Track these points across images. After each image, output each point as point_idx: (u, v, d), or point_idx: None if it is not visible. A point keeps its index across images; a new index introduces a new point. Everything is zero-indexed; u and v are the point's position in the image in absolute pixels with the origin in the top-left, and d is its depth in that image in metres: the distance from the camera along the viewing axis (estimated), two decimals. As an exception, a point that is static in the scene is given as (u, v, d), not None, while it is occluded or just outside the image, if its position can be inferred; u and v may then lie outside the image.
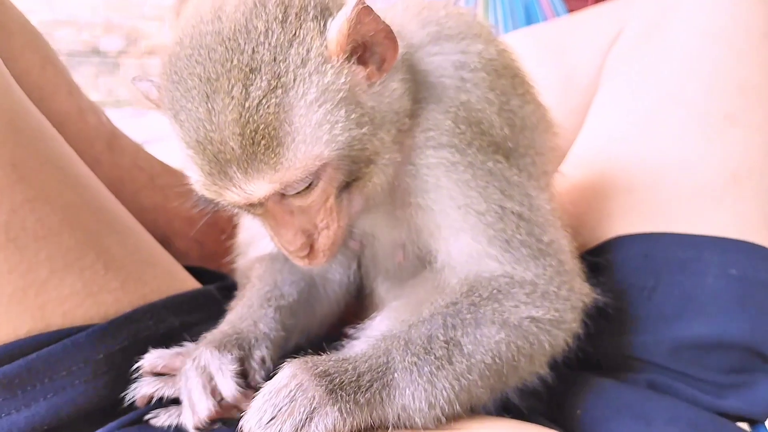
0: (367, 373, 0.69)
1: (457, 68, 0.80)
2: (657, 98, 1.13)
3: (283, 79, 0.67)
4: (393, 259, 0.89)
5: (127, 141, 1.22)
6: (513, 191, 0.79)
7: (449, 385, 0.71)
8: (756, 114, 1.04)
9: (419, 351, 0.71)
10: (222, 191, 0.71)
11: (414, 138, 0.79)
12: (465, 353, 0.72)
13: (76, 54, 3.67)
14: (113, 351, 0.82)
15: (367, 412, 0.68)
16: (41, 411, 0.77)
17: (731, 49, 1.08)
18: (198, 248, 1.24)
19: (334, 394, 0.66)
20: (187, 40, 0.70)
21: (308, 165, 0.69)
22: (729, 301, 0.96)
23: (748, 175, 1.01)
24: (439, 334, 0.73)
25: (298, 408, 0.65)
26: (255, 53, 0.67)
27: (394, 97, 0.75)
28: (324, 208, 0.75)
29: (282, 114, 0.66)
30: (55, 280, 0.81)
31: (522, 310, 0.76)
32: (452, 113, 0.78)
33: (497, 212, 0.78)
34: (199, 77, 0.68)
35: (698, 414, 0.88)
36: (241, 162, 0.67)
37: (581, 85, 1.30)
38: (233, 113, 0.66)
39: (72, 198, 0.87)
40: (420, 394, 0.70)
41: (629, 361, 0.99)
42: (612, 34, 1.28)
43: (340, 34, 0.69)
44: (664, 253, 1.01)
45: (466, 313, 0.75)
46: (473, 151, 0.78)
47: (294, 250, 0.76)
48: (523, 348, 0.76)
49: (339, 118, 0.69)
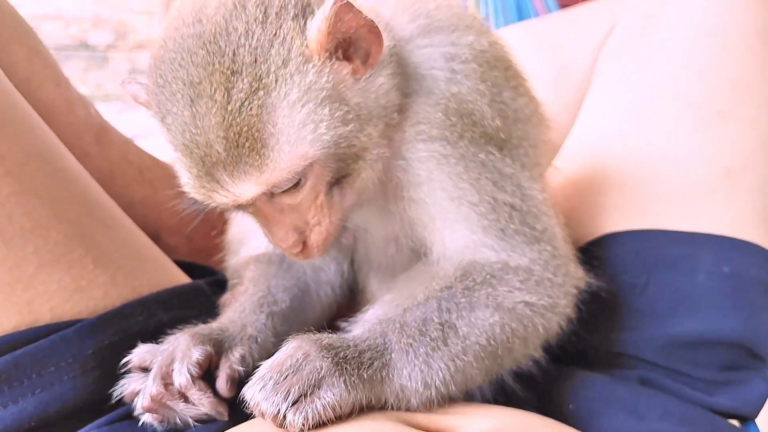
0: (368, 351, 0.70)
1: (447, 60, 0.80)
2: (649, 94, 1.13)
3: (265, 81, 0.67)
4: (385, 253, 0.89)
5: (116, 134, 1.21)
6: (505, 182, 0.79)
7: (445, 365, 0.71)
8: (748, 109, 1.04)
9: (414, 333, 0.72)
10: (211, 193, 0.71)
11: (404, 132, 0.79)
12: (460, 335, 0.73)
13: (65, 48, 3.65)
14: (102, 346, 0.82)
15: (369, 388, 0.68)
16: (29, 407, 0.76)
17: (724, 44, 1.08)
18: (187, 243, 1.23)
19: (339, 366, 0.67)
20: (170, 43, 0.70)
21: (294, 165, 0.69)
22: (721, 298, 0.96)
23: (740, 170, 1.01)
24: (434, 316, 0.73)
25: (306, 376, 0.65)
26: (236, 55, 0.67)
27: (381, 92, 0.75)
28: (314, 205, 0.74)
29: (265, 115, 0.67)
30: (42, 274, 0.80)
31: (516, 295, 0.76)
32: (442, 105, 0.78)
33: (490, 203, 0.78)
34: (183, 81, 0.68)
35: (690, 410, 0.88)
36: (227, 165, 0.68)
37: (574, 81, 1.30)
38: (216, 117, 0.66)
39: (60, 191, 0.86)
40: (417, 375, 0.70)
41: (621, 357, 0.99)
42: (605, 29, 1.28)
43: (320, 32, 0.68)
44: (657, 250, 1.01)
45: (461, 297, 0.75)
46: (465, 143, 0.78)
47: (287, 247, 0.76)
48: (518, 330, 0.76)
49: (323, 117, 0.69)
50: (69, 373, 0.79)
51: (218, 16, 0.69)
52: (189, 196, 0.74)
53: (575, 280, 0.84)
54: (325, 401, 0.65)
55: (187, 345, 0.76)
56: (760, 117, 1.04)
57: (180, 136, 0.69)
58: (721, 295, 0.97)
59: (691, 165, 1.04)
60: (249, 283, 0.90)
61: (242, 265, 0.95)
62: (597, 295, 0.89)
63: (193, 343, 0.76)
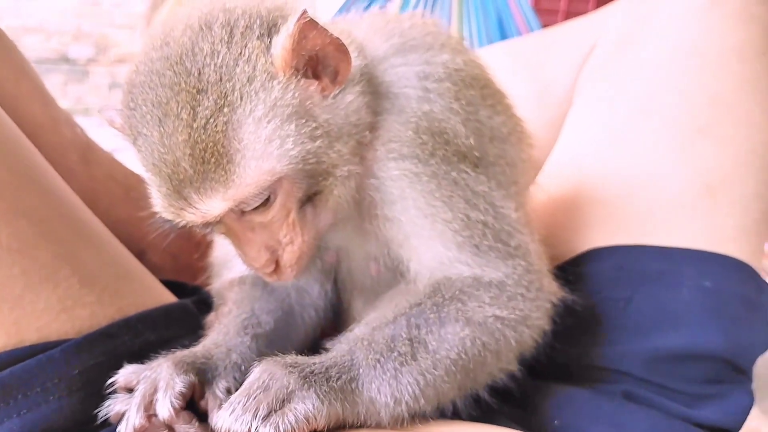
0: (334, 367, 0.71)
1: (420, 78, 0.80)
2: (630, 111, 1.14)
3: (230, 98, 0.68)
4: (368, 272, 0.89)
5: (101, 153, 1.21)
6: (478, 200, 0.80)
7: (414, 380, 0.72)
8: (727, 127, 1.06)
9: (382, 349, 0.73)
10: (179, 212, 0.72)
11: (376, 150, 0.79)
12: (429, 350, 0.74)
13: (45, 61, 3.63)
14: (88, 367, 0.81)
15: (342, 398, 0.69)
16: (15, 428, 0.75)
17: (703, 62, 1.10)
18: (173, 261, 1.23)
19: (308, 380, 0.68)
20: (141, 66, 0.72)
21: (260, 180, 0.69)
22: (703, 312, 0.97)
23: (721, 186, 1.03)
24: (403, 333, 0.74)
25: (275, 393, 0.66)
26: (201, 75, 0.68)
27: (350, 109, 0.75)
28: (286, 223, 0.75)
29: (230, 132, 0.67)
30: (30, 294, 0.80)
31: (486, 310, 0.77)
32: (413, 123, 0.78)
33: (463, 220, 0.79)
34: (152, 102, 0.69)
35: (674, 425, 0.89)
36: (194, 182, 0.68)
37: (556, 100, 1.31)
38: (183, 134, 0.67)
39: (46, 211, 0.86)
40: (385, 389, 0.71)
41: (605, 371, 1.00)
42: (585, 49, 1.29)
43: (284, 49, 0.70)
44: (639, 265, 1.03)
45: (430, 312, 0.76)
46: (436, 161, 0.79)
47: (259, 267, 0.76)
48: (489, 344, 0.77)
49: (289, 133, 0.70)
50: (55, 394, 0.78)
51: (185, 38, 0.70)
52: (160, 216, 0.75)
53: (549, 294, 0.85)
54: (298, 412, 0.65)
55: (170, 374, 0.74)
56: (739, 134, 1.06)
57: (150, 156, 0.70)
58: (703, 310, 0.98)
59: (672, 181, 1.06)
60: (233, 305, 0.90)
61: (226, 287, 0.95)
62: (579, 310, 0.90)
63: (177, 372, 0.74)
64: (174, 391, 0.72)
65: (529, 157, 0.96)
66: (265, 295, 0.92)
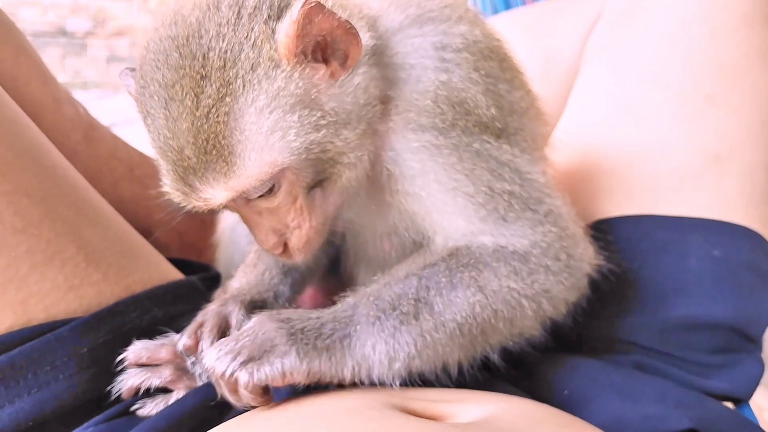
0: (330, 323, 0.71)
1: (437, 49, 0.78)
2: (636, 81, 1.13)
3: (233, 86, 0.66)
4: (380, 248, 0.88)
5: (104, 132, 1.20)
6: (502, 170, 0.78)
7: (412, 340, 0.71)
8: (735, 95, 1.05)
9: (386, 306, 0.72)
10: (185, 197, 0.71)
11: (391, 121, 0.77)
12: (435, 311, 0.73)
13: (42, 35, 3.61)
14: (97, 344, 0.82)
15: (326, 358, 0.69)
16: (25, 407, 0.76)
17: (710, 30, 1.08)
18: (179, 239, 1.23)
19: (294, 336, 0.68)
20: (151, 44, 0.70)
21: (262, 173, 0.68)
22: (713, 282, 0.97)
23: (729, 155, 1.02)
24: (410, 292, 0.73)
25: (259, 344, 0.68)
26: (206, 59, 0.66)
27: (359, 90, 0.73)
28: (293, 209, 0.74)
29: (232, 122, 0.66)
30: (36, 274, 0.80)
31: (502, 281, 0.75)
32: (431, 93, 0.76)
33: (487, 193, 0.77)
34: (159, 83, 0.68)
35: (685, 393, 0.89)
36: (197, 170, 0.68)
37: (561, 71, 1.30)
38: (186, 122, 0.66)
39: (50, 190, 0.86)
40: (381, 347, 0.70)
41: (615, 342, 1.00)
42: (591, 19, 1.28)
43: (288, 36, 0.67)
44: (648, 236, 1.02)
45: (442, 276, 0.75)
46: (457, 133, 0.76)
47: (268, 249, 0.76)
48: (502, 311, 0.75)
49: (292, 124, 0.68)
50: (65, 372, 0.79)
51: (192, 18, 0.68)
52: (168, 198, 0.74)
53: (582, 262, 0.82)
54: (275, 366, 0.66)
55: (243, 313, 0.82)
56: (747, 102, 1.05)
57: (157, 139, 0.69)
58: (712, 279, 0.97)
59: (679, 150, 1.05)
60: (256, 256, 0.94)
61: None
62: (593, 281, 0.89)
63: (245, 312, 0.82)
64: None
65: (545, 134, 0.94)
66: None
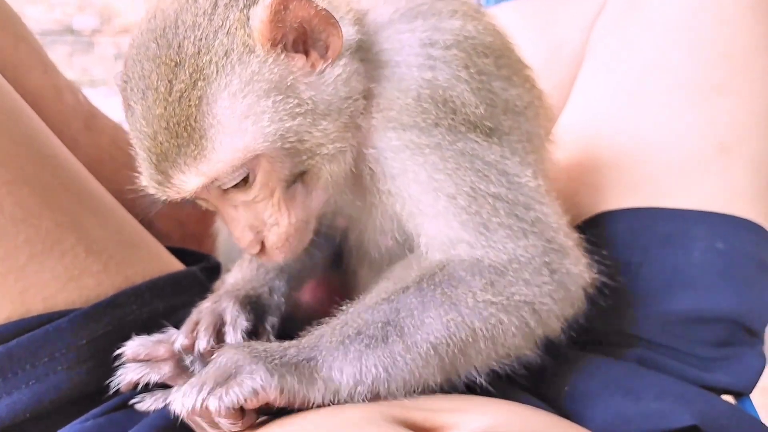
0: (294, 348, 0.69)
1: (424, 46, 0.75)
2: (642, 70, 1.12)
3: (206, 72, 0.66)
4: (380, 245, 0.86)
5: (105, 121, 1.20)
6: (489, 171, 0.75)
7: (381, 363, 0.68)
8: (743, 83, 1.04)
9: (350, 332, 0.70)
10: (158, 187, 0.71)
11: (372, 119, 0.75)
12: (405, 333, 0.70)
13: (50, 33, 3.61)
14: (96, 336, 0.81)
15: (295, 374, 0.66)
16: (23, 398, 0.76)
17: (716, 18, 1.07)
18: (180, 229, 1.23)
19: (257, 356, 0.66)
20: (134, 40, 0.71)
21: (234, 158, 0.68)
22: (716, 274, 0.96)
23: (736, 144, 1.01)
24: (378, 317, 0.71)
25: (222, 368, 0.65)
26: (180, 47, 0.67)
27: (339, 82, 0.71)
28: (271, 203, 0.73)
29: (204, 106, 0.66)
30: (35, 264, 0.80)
31: (478, 296, 0.72)
32: (414, 90, 0.74)
33: (470, 195, 0.74)
34: (138, 76, 0.69)
35: (685, 388, 0.88)
36: (169, 155, 0.68)
37: (566, 59, 1.29)
38: (159, 108, 0.66)
39: (50, 179, 0.85)
40: (348, 369, 0.68)
41: (617, 336, 0.99)
42: (596, 7, 1.26)
43: (261, 21, 0.67)
44: (651, 228, 1.01)
45: (413, 297, 0.72)
46: (441, 131, 0.74)
47: (245, 247, 0.75)
48: (481, 329, 0.72)
49: (266, 109, 0.67)
50: (63, 364, 0.78)
51: (170, 11, 0.69)
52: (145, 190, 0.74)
53: (569, 276, 0.78)
54: (245, 385, 0.63)
55: (237, 310, 0.80)
56: (754, 90, 1.04)
57: (135, 130, 0.70)
58: (715, 272, 0.96)
59: (685, 140, 1.04)
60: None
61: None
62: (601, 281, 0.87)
63: (241, 308, 0.81)
64: (242, 328, 0.79)
65: (547, 132, 0.91)
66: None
